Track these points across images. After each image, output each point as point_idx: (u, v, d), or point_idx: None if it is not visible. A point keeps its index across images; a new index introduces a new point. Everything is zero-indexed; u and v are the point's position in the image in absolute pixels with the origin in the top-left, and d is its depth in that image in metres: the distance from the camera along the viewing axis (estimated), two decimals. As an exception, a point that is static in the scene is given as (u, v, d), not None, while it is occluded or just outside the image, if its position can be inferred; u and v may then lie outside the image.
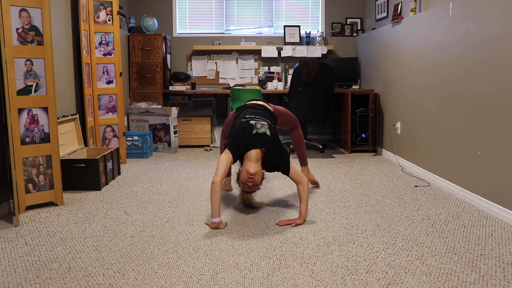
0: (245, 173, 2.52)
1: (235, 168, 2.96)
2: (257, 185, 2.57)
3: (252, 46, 5.75)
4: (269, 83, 5.45)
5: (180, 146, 5.40)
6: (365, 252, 2.16)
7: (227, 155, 2.59)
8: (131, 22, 5.50)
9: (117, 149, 3.86)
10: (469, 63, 3.02)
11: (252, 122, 2.66)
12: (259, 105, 2.91)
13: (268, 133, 2.62)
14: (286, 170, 2.63)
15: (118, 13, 4.27)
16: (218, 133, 5.49)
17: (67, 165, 3.32)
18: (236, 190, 3.32)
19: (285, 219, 2.62)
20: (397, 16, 4.41)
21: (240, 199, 2.90)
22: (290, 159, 2.69)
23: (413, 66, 3.96)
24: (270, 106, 3.00)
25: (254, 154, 2.55)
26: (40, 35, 2.86)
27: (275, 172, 2.69)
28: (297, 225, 2.55)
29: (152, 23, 5.49)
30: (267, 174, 3.72)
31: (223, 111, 5.88)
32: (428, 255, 2.12)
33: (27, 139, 2.84)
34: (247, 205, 2.90)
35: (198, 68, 5.87)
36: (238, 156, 2.62)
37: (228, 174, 3.32)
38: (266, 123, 2.68)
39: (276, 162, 2.61)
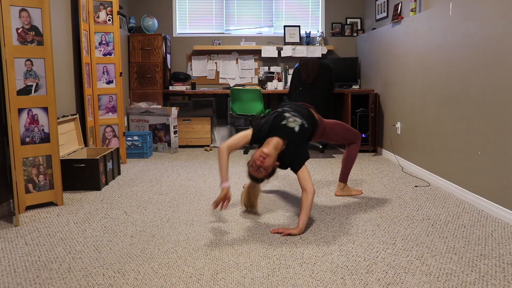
0: (259, 152, 2.46)
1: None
2: (266, 169, 2.46)
3: (252, 46, 5.75)
4: (269, 83, 5.45)
5: (180, 146, 5.40)
6: (365, 252, 2.16)
7: (247, 131, 2.60)
8: (131, 22, 5.50)
9: (117, 149, 3.86)
10: (469, 63, 3.02)
11: (286, 114, 2.63)
12: (303, 105, 2.83)
13: (296, 129, 2.57)
14: (296, 167, 2.53)
15: (118, 13, 4.27)
16: (218, 133, 5.49)
17: (67, 165, 3.32)
18: (239, 192, 3.32)
19: (280, 227, 2.49)
20: (397, 16, 4.41)
21: (245, 195, 2.77)
22: (307, 164, 2.59)
23: (413, 66, 3.96)
24: (315, 114, 2.84)
25: (274, 141, 2.51)
26: (40, 35, 2.86)
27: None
28: (289, 234, 2.39)
29: (152, 23, 5.49)
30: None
31: (223, 111, 5.88)
32: (428, 255, 2.12)
33: (27, 139, 2.84)
34: (249, 205, 2.80)
35: (198, 68, 5.87)
36: (257, 137, 2.58)
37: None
38: (300, 121, 2.61)
39: (290, 157, 2.53)
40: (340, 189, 3.20)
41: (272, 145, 2.49)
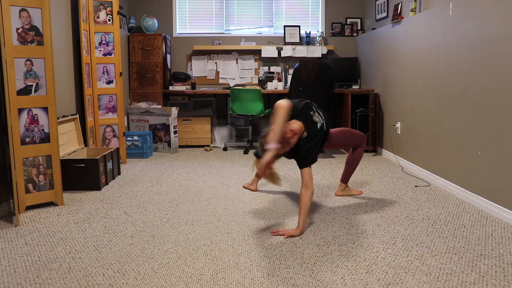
0: (288, 126, 2.46)
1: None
2: (290, 145, 2.45)
3: (252, 46, 5.75)
4: (269, 83, 5.45)
5: (180, 146, 5.40)
6: (365, 252, 2.16)
7: (288, 102, 2.53)
8: (131, 22, 5.50)
9: (117, 149, 3.86)
10: (469, 63, 3.02)
11: (313, 107, 2.66)
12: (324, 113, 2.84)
13: (318, 126, 2.59)
14: (303, 164, 2.50)
15: (118, 13, 4.27)
16: (218, 133, 5.49)
17: (67, 165, 3.31)
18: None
19: (280, 229, 2.46)
20: (397, 16, 4.41)
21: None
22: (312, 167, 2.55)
23: (413, 66, 3.96)
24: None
25: (299, 125, 2.51)
26: (40, 35, 2.86)
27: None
28: (291, 236, 2.37)
29: (152, 23, 5.49)
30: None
31: (223, 111, 5.87)
32: (428, 255, 2.12)
33: (27, 139, 2.84)
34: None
35: (198, 68, 5.87)
36: (292, 109, 2.55)
37: (257, 175, 3.30)
38: (322, 120, 2.64)
39: (303, 152, 2.50)
40: (340, 190, 3.20)
41: (298, 128, 2.50)
